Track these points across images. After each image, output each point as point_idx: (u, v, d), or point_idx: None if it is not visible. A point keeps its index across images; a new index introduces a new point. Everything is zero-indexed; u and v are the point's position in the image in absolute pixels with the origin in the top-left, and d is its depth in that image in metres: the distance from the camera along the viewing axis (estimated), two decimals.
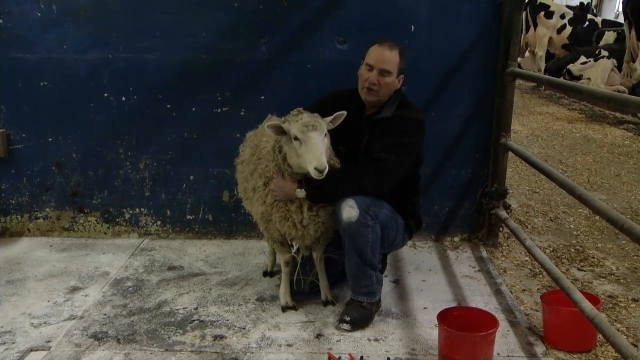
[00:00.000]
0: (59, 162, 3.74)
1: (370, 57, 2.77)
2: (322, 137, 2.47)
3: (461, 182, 3.74)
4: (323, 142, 2.48)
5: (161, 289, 3.13)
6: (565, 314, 2.58)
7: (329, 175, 2.51)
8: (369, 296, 2.77)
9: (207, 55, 3.55)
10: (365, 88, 2.77)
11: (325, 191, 2.62)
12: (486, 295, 3.09)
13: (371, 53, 2.78)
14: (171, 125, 3.66)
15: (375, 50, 2.77)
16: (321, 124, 2.49)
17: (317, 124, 2.47)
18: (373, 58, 2.75)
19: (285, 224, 2.68)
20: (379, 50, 2.76)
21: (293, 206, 2.64)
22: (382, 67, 2.74)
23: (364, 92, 2.79)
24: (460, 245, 3.77)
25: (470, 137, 3.68)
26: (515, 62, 3.49)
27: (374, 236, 2.64)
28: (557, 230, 4.13)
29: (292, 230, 2.68)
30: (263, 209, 2.70)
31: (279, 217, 2.68)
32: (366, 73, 2.76)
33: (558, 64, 10.61)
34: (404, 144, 2.72)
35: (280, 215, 2.67)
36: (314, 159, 2.41)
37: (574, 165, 5.93)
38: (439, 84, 3.59)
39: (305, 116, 2.53)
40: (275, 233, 2.77)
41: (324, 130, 2.50)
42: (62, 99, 3.65)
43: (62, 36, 3.56)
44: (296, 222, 2.65)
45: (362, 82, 2.79)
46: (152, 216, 3.82)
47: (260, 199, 2.71)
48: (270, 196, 2.67)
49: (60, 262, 3.48)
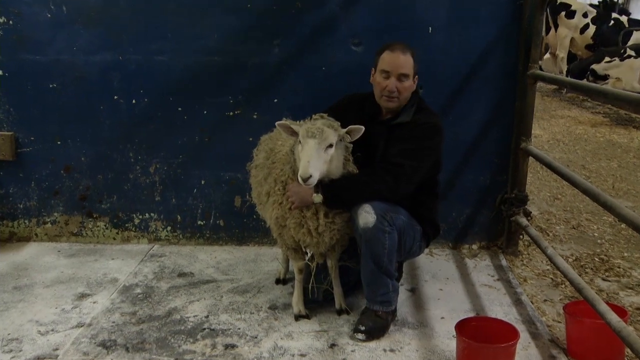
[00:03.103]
0: (68, 166, 3.79)
1: (385, 64, 2.78)
2: (320, 146, 2.46)
3: (480, 188, 3.74)
4: (321, 151, 2.47)
5: (171, 296, 3.16)
6: (589, 326, 2.55)
7: (346, 181, 2.59)
8: (384, 305, 2.77)
9: (219, 58, 3.58)
10: (384, 97, 2.79)
11: (342, 197, 2.64)
12: (506, 305, 3.08)
13: (385, 59, 2.79)
14: (182, 129, 3.70)
15: (389, 56, 2.78)
16: (325, 133, 2.48)
17: (319, 132, 2.47)
18: (388, 64, 2.77)
19: (300, 230, 2.69)
20: (393, 56, 2.77)
21: (309, 212, 2.65)
22: (400, 72, 2.75)
23: (384, 101, 2.81)
24: (478, 253, 3.76)
25: (490, 142, 3.67)
26: (536, 64, 3.48)
27: (391, 242, 2.65)
28: (580, 238, 4.10)
29: (307, 237, 2.70)
30: (278, 213, 2.72)
31: (294, 224, 2.69)
32: (383, 81, 2.78)
33: (581, 65, 10.48)
34: (422, 149, 2.74)
35: (295, 221, 2.68)
36: (301, 166, 2.45)
37: (597, 171, 5.88)
38: (457, 87, 3.60)
39: (318, 122, 2.55)
40: (289, 239, 2.79)
41: (327, 140, 2.49)
42: (71, 102, 3.70)
43: (72, 38, 3.61)
44: (311, 229, 2.67)
45: (380, 90, 2.80)
46: (163, 221, 3.86)
47: (275, 202, 2.72)
48: (287, 202, 2.68)
49: (68, 268, 3.52)
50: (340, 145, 2.60)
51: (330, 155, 2.53)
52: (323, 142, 2.48)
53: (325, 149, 2.50)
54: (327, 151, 2.51)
